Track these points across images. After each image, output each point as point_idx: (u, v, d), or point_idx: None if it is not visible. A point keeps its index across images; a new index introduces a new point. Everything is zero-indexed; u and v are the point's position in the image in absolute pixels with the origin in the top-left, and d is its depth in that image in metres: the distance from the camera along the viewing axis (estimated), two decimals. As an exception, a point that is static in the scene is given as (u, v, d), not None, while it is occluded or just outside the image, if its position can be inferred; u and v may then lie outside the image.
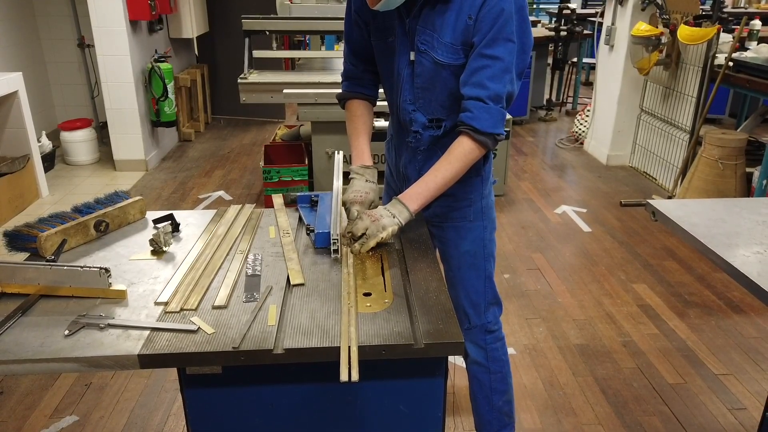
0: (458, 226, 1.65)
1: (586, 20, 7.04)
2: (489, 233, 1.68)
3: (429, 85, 1.50)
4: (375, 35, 1.56)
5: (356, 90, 1.69)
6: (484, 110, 1.40)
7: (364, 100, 1.69)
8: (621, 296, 3.05)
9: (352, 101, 1.69)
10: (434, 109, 1.53)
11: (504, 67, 1.39)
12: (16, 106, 4.06)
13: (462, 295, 1.70)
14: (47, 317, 1.17)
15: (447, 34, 1.41)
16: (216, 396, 1.17)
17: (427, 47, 1.44)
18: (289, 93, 3.86)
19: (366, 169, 1.60)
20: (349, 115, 1.70)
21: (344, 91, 1.71)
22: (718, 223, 1.60)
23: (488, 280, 1.70)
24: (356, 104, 1.69)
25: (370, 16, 1.53)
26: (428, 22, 1.43)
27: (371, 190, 1.56)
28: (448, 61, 1.44)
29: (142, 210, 1.65)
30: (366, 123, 1.67)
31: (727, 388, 2.37)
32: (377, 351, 1.09)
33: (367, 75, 1.68)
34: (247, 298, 1.24)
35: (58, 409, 2.24)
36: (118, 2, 4.40)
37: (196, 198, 4.33)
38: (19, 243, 1.42)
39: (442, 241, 1.69)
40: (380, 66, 1.61)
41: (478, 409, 1.82)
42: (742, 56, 3.79)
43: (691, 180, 3.85)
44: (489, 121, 1.40)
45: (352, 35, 1.64)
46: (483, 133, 1.42)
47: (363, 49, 1.64)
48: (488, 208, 1.67)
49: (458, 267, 1.69)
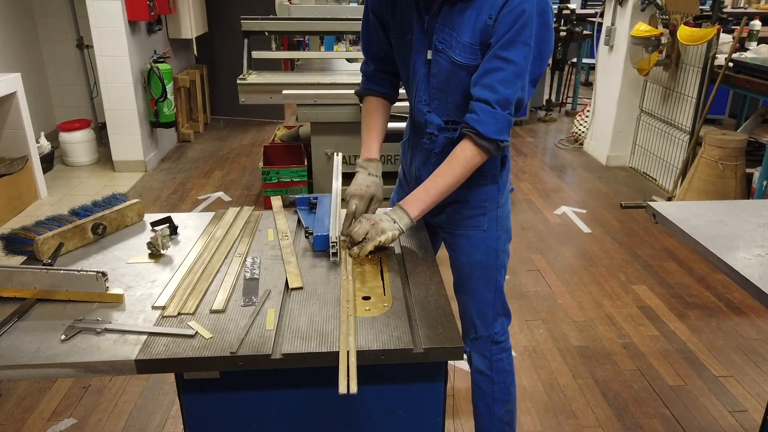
0: (471, 234, 1.60)
1: (585, 20, 7.03)
2: (503, 244, 1.63)
3: (445, 86, 1.47)
4: (394, 33, 1.54)
5: (371, 87, 1.68)
6: (491, 115, 1.36)
7: (379, 97, 1.68)
8: (621, 298, 3.04)
9: (368, 98, 1.69)
10: (450, 110, 1.50)
11: (517, 71, 1.35)
12: (14, 106, 4.05)
13: (470, 305, 1.66)
14: (43, 321, 1.16)
15: (466, 33, 1.38)
16: (214, 401, 1.16)
17: (445, 46, 1.41)
18: (288, 94, 3.86)
19: (370, 162, 1.58)
20: (362, 111, 1.70)
21: (360, 88, 1.71)
22: (719, 225, 1.59)
23: (498, 291, 1.65)
24: (370, 101, 1.68)
25: (389, 14, 1.51)
26: (447, 20, 1.40)
27: (373, 183, 1.53)
28: (465, 61, 1.40)
29: (139, 212, 1.64)
30: (377, 119, 1.65)
31: (727, 390, 2.37)
32: (376, 355, 1.08)
33: (380, 74, 1.67)
34: (245, 302, 1.23)
35: (56, 411, 2.23)
36: (116, 3, 4.39)
37: (195, 199, 4.32)
38: (16, 246, 1.41)
39: (453, 249, 1.65)
40: (399, 65, 1.59)
41: (479, 417, 1.79)
42: (742, 57, 3.78)
43: (691, 181, 3.84)
44: (494, 126, 1.37)
45: (367, 35, 1.63)
46: (486, 139, 1.38)
47: (376, 50, 1.63)
48: (503, 217, 1.62)
49: (468, 277, 1.65)
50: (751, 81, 3.59)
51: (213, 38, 6.18)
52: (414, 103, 1.56)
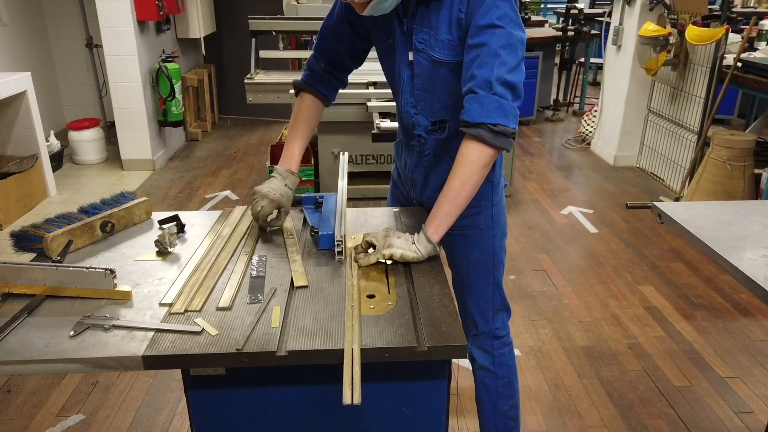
0: (467, 234, 1.60)
1: (593, 20, 7.00)
2: (499, 241, 1.64)
3: (429, 86, 1.47)
4: (377, 38, 1.55)
5: (313, 84, 1.65)
6: (475, 100, 1.31)
7: (317, 97, 1.65)
8: (627, 298, 3.04)
9: (304, 94, 1.66)
10: (436, 110, 1.49)
11: (490, 51, 1.29)
12: (24, 105, 4.09)
13: (470, 302, 1.68)
14: (53, 318, 1.18)
15: (443, 30, 1.38)
16: (220, 397, 1.17)
17: (425, 46, 1.42)
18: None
19: (289, 173, 1.59)
20: (295, 110, 1.66)
21: (301, 80, 1.66)
22: (725, 225, 1.58)
23: (497, 286, 1.67)
24: (307, 100, 1.65)
25: (370, 20, 1.51)
26: (425, 20, 1.40)
27: (284, 194, 1.54)
28: (445, 58, 1.40)
29: (147, 211, 1.65)
30: (308, 125, 1.65)
31: (733, 391, 2.36)
32: (380, 353, 1.09)
33: (327, 74, 1.65)
34: (251, 300, 1.24)
35: (64, 407, 2.26)
36: (125, 2, 4.42)
37: (202, 198, 4.35)
38: (26, 243, 1.42)
39: (450, 249, 1.66)
40: (384, 70, 1.60)
41: (484, 413, 1.80)
42: (751, 57, 3.76)
43: (699, 181, 3.82)
44: (478, 111, 1.30)
45: (330, 38, 1.61)
46: (474, 126, 1.31)
47: (333, 49, 1.61)
48: (499, 215, 1.63)
49: (466, 274, 1.66)
50: (759, 81, 3.57)
51: (221, 38, 6.21)
52: (401, 106, 1.56)
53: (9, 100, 4.00)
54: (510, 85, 1.31)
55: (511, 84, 1.31)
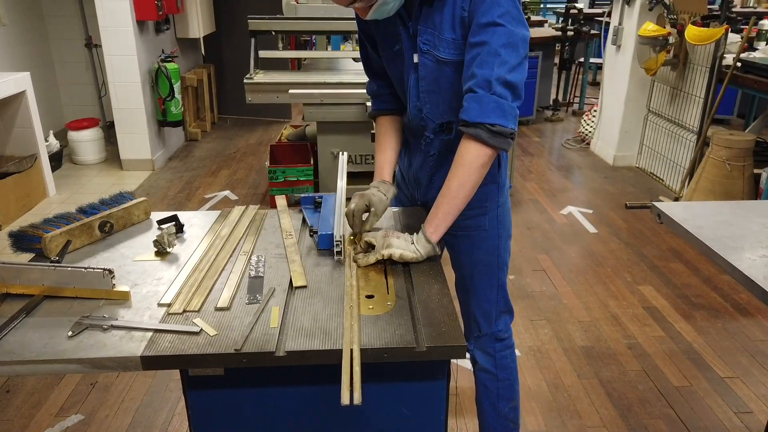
0: (472, 235, 1.60)
1: (593, 20, 7.01)
2: (504, 242, 1.63)
3: (434, 87, 1.47)
4: (382, 46, 1.55)
5: (380, 107, 1.69)
6: (474, 100, 1.30)
7: (389, 114, 1.68)
8: (627, 298, 3.04)
9: (379, 118, 1.70)
10: (443, 111, 1.49)
11: (491, 50, 1.28)
12: (23, 105, 4.08)
13: (473, 304, 1.67)
14: (51, 318, 1.18)
15: (447, 29, 1.38)
16: (218, 397, 1.17)
17: (430, 47, 1.41)
18: (294, 93, 3.87)
19: (382, 183, 1.58)
20: (376, 132, 1.71)
21: (371, 110, 1.72)
22: (724, 225, 1.58)
23: (501, 288, 1.66)
24: (381, 121, 1.68)
25: (374, 28, 1.52)
26: (429, 21, 1.40)
27: (376, 196, 1.51)
28: (450, 57, 1.39)
29: (146, 211, 1.65)
30: (389, 140, 1.66)
31: (733, 391, 2.36)
32: (379, 354, 1.09)
33: (384, 91, 1.67)
34: (249, 300, 1.24)
35: (63, 407, 2.26)
36: (125, 3, 4.42)
37: (202, 198, 4.34)
38: (24, 243, 1.42)
39: (454, 249, 1.65)
40: (392, 77, 1.60)
41: (484, 415, 1.79)
42: (751, 57, 3.76)
43: (699, 181, 3.82)
44: (477, 111, 1.30)
45: (363, 53, 1.65)
46: (472, 125, 1.31)
47: (376, 67, 1.64)
48: (504, 216, 1.62)
49: (470, 276, 1.65)
50: (759, 81, 3.57)
51: (220, 38, 6.21)
52: (409, 109, 1.56)
53: (8, 100, 4.00)
54: (510, 84, 1.30)
55: (510, 84, 1.30)
